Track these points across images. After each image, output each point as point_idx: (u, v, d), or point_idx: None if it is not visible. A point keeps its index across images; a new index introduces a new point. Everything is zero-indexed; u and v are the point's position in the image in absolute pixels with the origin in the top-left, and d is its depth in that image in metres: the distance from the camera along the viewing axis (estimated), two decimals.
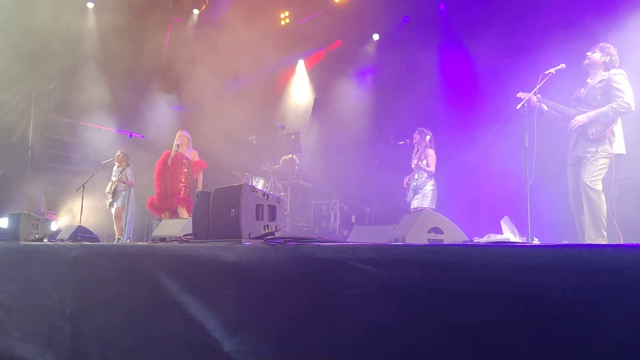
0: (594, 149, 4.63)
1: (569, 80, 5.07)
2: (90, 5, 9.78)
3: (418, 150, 6.87)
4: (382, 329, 1.66)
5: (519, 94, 4.93)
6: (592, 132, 4.65)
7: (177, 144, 7.48)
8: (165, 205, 7.41)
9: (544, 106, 4.92)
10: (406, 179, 6.97)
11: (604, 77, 4.73)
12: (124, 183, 8.48)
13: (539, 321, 1.30)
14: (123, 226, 8.50)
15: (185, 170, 7.49)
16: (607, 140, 4.57)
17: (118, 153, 8.66)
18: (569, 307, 1.25)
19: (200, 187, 7.51)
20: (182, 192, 7.39)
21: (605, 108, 4.59)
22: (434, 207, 6.53)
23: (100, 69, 9.86)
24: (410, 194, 6.84)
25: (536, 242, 3.88)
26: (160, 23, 10.45)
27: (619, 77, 4.63)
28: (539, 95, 4.86)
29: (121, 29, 9.26)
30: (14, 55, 8.59)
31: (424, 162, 6.66)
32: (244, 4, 9.53)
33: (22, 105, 9.58)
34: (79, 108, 9.83)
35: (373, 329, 1.69)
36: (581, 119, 4.75)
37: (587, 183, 4.55)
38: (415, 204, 6.73)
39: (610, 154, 4.54)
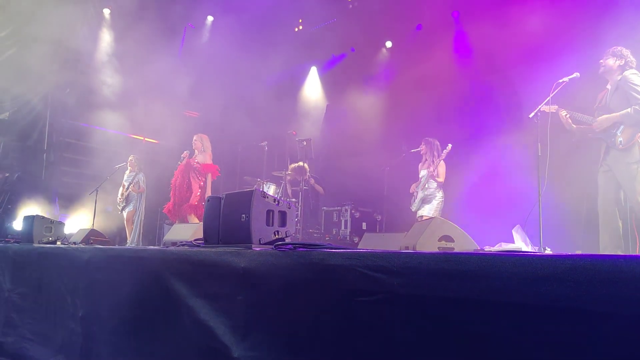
0: (627, 159, 4.53)
1: (585, 89, 5.01)
2: (106, 11, 9.92)
3: (426, 160, 6.85)
4: (392, 337, 1.65)
5: (543, 108, 4.82)
6: (621, 142, 4.56)
7: (183, 157, 7.55)
8: (177, 214, 7.50)
9: (573, 125, 4.87)
10: (413, 186, 6.95)
11: (618, 82, 4.66)
12: (136, 192, 8.53)
13: (551, 331, 1.29)
14: (134, 230, 8.56)
15: (196, 177, 7.55)
16: (636, 147, 4.50)
17: (130, 157, 8.71)
18: (582, 318, 1.24)
19: (208, 191, 7.56)
20: (192, 200, 7.45)
21: (628, 110, 4.50)
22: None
23: (115, 74, 9.98)
24: (417, 203, 6.81)
25: (548, 251, 3.85)
26: (175, 29, 10.56)
27: (634, 77, 4.54)
28: (564, 109, 4.81)
29: (136, 35, 9.37)
30: (31, 60, 8.72)
31: (436, 172, 6.64)
32: (258, 11, 9.59)
33: (39, 109, 9.71)
34: (93, 112, 9.94)
35: (383, 336, 1.68)
36: (602, 120, 4.68)
37: None
38: (421, 212, 6.72)
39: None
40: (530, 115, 4.55)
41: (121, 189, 8.64)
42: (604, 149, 4.78)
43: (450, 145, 6.64)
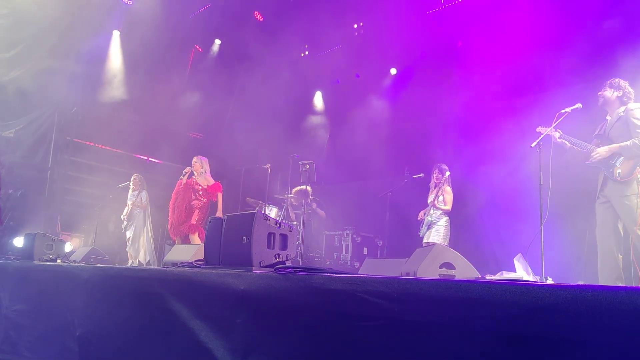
0: (625, 192, 4.48)
1: (587, 120, 5.03)
2: (116, 32, 10.07)
3: (435, 186, 6.84)
4: None
5: (539, 129, 4.88)
6: (619, 173, 4.53)
7: (185, 172, 7.59)
8: (175, 233, 7.50)
9: (567, 142, 4.85)
10: (421, 213, 6.93)
11: (621, 114, 4.66)
12: (139, 207, 8.55)
13: None
14: (139, 250, 8.52)
15: (195, 198, 7.55)
16: (635, 181, 4.47)
17: (134, 176, 8.75)
18: (583, 349, 1.23)
19: (219, 209, 7.57)
20: (193, 219, 7.45)
21: (627, 142, 4.48)
22: (447, 244, 6.46)
23: (122, 95, 10.07)
24: (424, 228, 6.79)
25: (550, 281, 3.82)
26: (183, 51, 10.70)
27: (637, 112, 4.56)
28: (559, 131, 4.81)
29: (144, 56, 9.49)
30: (40, 78, 8.83)
31: (440, 198, 6.62)
32: (265, 35, 9.73)
33: (45, 127, 9.79)
34: (99, 132, 10.03)
35: None
36: (602, 151, 4.64)
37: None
38: (426, 239, 6.68)
39: (638, 193, 4.43)
40: (533, 145, 4.56)
41: (126, 208, 8.65)
42: (601, 179, 4.74)
43: (448, 173, 6.64)
